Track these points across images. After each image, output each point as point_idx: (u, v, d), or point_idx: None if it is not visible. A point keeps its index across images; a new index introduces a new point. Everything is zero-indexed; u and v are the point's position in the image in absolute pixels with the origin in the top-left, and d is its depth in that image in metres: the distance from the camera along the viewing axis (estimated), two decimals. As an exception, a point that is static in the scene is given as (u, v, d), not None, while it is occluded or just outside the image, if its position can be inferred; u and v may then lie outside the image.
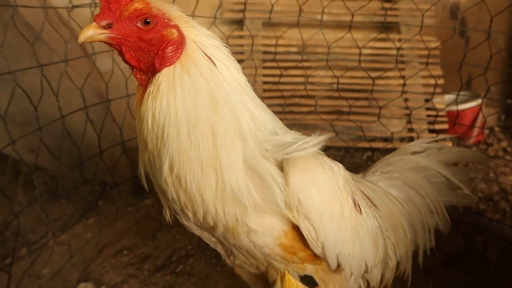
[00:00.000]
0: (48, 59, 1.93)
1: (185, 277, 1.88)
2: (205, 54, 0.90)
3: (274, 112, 1.03)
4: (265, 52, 3.04)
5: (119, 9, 0.88)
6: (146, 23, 0.89)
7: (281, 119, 1.04)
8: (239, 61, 1.02)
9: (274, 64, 2.82)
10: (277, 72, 2.78)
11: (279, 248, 0.99)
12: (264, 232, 0.95)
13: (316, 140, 0.97)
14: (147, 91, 0.90)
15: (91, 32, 0.86)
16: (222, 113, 0.88)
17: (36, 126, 1.65)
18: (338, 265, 1.03)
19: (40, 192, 1.83)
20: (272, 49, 2.71)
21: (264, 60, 3.03)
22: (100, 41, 0.89)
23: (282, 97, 2.79)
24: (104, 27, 0.87)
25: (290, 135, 0.98)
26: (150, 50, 0.90)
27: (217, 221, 0.92)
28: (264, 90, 2.98)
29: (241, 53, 3.05)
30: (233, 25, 3.11)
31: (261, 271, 1.13)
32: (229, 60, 0.95)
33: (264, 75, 3.05)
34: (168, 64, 0.89)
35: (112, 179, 2.18)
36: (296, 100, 3.02)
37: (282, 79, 2.75)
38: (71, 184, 2.59)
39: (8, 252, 2.04)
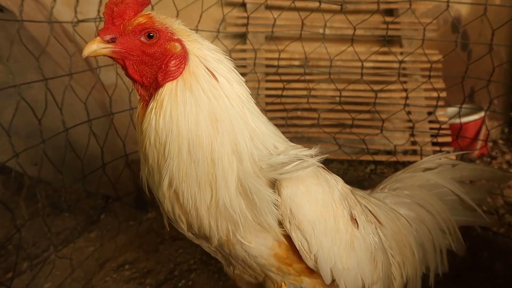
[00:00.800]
0: (53, 73, 1.95)
1: (187, 292, 1.86)
2: (207, 69, 0.91)
3: (277, 125, 1.03)
4: (267, 66, 3.06)
5: (123, 24, 0.89)
6: (150, 37, 0.90)
7: (283, 132, 1.04)
8: (242, 75, 1.03)
9: (276, 77, 2.84)
10: (280, 85, 2.79)
11: (274, 259, 0.98)
12: (256, 240, 0.95)
13: (310, 162, 0.96)
14: (150, 106, 0.90)
15: (95, 47, 0.87)
16: (221, 131, 0.88)
17: (39, 139, 1.65)
18: (333, 280, 1.01)
19: (43, 205, 1.82)
20: (275, 63, 2.73)
21: (267, 74, 3.04)
22: (104, 55, 0.90)
23: (285, 110, 2.80)
24: (108, 42, 0.88)
25: (290, 150, 0.97)
26: (153, 64, 0.91)
27: (211, 234, 0.93)
28: (267, 103, 2.99)
29: (244, 66, 3.07)
30: (236, 39, 3.14)
31: (259, 281, 1.12)
32: (231, 74, 0.95)
33: (267, 88, 3.06)
34: (170, 78, 0.89)
35: (115, 193, 2.17)
36: (299, 113, 3.03)
37: (285, 92, 2.76)
38: (74, 198, 2.59)
39: (9, 266, 2.03)
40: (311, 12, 2.50)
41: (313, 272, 1.01)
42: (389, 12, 3.33)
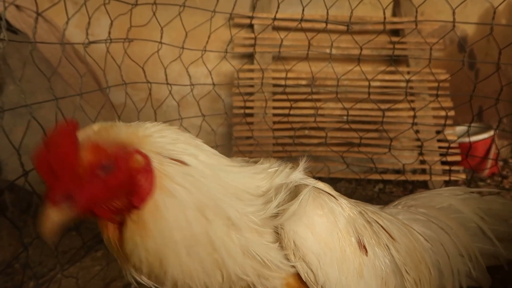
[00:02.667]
0: (64, 93, 1.98)
1: (193, 313, 1.82)
2: (173, 159, 0.82)
3: (284, 144, 1.02)
4: (275, 85, 3.08)
5: (71, 174, 0.73)
6: (106, 169, 0.76)
7: (291, 151, 1.03)
8: (250, 94, 1.02)
9: (284, 96, 2.86)
10: (287, 104, 2.81)
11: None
12: (271, 279, 0.93)
13: (305, 197, 0.90)
14: (128, 229, 0.81)
15: (53, 220, 0.73)
16: (211, 217, 0.82)
17: (49, 158, 1.66)
18: None
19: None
20: (282, 82, 2.75)
21: (274, 93, 3.06)
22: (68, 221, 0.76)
23: (292, 129, 2.80)
24: (64, 203, 0.73)
25: (275, 181, 0.94)
26: (122, 194, 0.79)
27: None
28: (274, 122, 3.00)
29: (252, 86, 3.10)
30: (244, 59, 3.18)
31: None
32: (192, 146, 0.88)
33: (274, 108, 3.08)
34: (147, 198, 0.79)
35: (122, 211, 2.17)
36: (306, 132, 3.03)
37: (292, 111, 2.77)
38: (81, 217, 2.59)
39: (16, 285, 2.02)
40: (318, 32, 2.53)
41: None
42: (395, 32, 3.36)
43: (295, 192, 0.92)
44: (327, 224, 0.93)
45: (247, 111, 3.01)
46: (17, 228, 1.53)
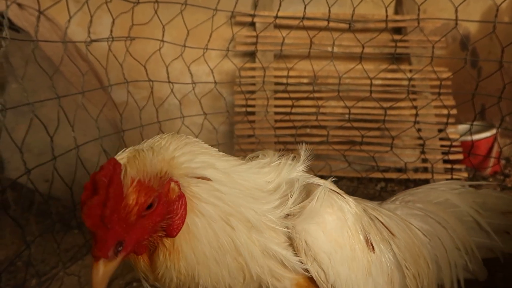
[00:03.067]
0: (66, 91, 1.98)
1: (195, 311, 1.83)
2: (197, 177, 0.83)
3: (286, 142, 1.03)
4: (276, 83, 3.08)
5: (122, 220, 0.70)
6: (149, 207, 0.75)
7: (292, 150, 1.03)
8: (251, 92, 1.02)
9: (285, 95, 2.85)
10: (289, 103, 2.81)
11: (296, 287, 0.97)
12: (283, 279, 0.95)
13: (318, 204, 0.91)
14: (161, 255, 0.82)
15: (106, 275, 0.71)
16: (235, 224, 0.85)
17: (51, 156, 1.67)
18: None
19: (53, 222, 1.83)
20: (284, 80, 2.75)
21: (276, 91, 3.06)
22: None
23: (294, 127, 2.80)
24: (115, 254, 0.71)
25: (283, 177, 0.96)
26: (160, 227, 0.79)
27: None
28: (276, 121, 3.00)
29: (253, 84, 3.09)
30: (245, 58, 3.18)
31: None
32: (208, 154, 0.88)
33: (276, 106, 3.07)
34: (182, 225, 0.80)
35: (124, 209, 2.17)
36: (308, 131, 3.03)
37: (294, 110, 2.77)
38: (83, 214, 2.59)
39: (18, 283, 2.03)
40: (320, 30, 2.53)
41: None
42: (397, 31, 3.35)
43: (306, 190, 0.93)
44: (338, 222, 0.93)
45: (249, 109, 3.01)
46: (20, 226, 1.54)
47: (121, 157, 0.79)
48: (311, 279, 0.96)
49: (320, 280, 0.93)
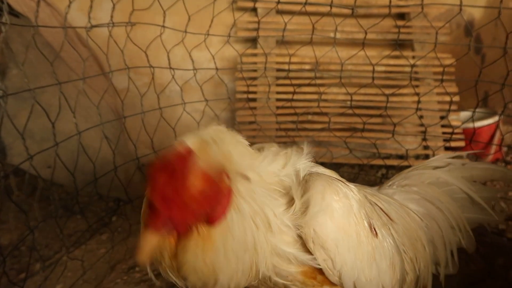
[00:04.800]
0: (67, 77, 1.98)
1: (197, 295, 1.86)
2: (241, 174, 0.87)
3: (287, 129, 1.04)
4: (278, 70, 3.06)
5: (181, 201, 0.76)
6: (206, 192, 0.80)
7: (294, 136, 1.04)
8: (253, 79, 1.03)
9: (287, 81, 2.84)
10: (291, 89, 2.80)
11: (300, 275, 0.98)
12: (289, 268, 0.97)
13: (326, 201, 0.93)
14: (192, 243, 0.83)
15: (151, 245, 0.77)
16: (258, 223, 0.87)
17: (53, 142, 1.68)
18: None
19: (56, 207, 1.85)
20: (286, 67, 2.73)
21: (278, 78, 3.05)
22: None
23: (295, 114, 2.79)
24: (164, 227, 0.77)
25: (290, 168, 0.98)
26: (206, 212, 0.82)
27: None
28: (277, 107, 2.99)
29: (255, 70, 3.08)
30: (247, 43, 3.15)
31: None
32: (247, 156, 0.92)
33: (278, 92, 3.06)
34: (224, 215, 0.84)
35: (126, 195, 2.19)
36: (309, 117, 3.02)
37: (295, 96, 2.76)
38: (86, 200, 2.62)
39: (23, 267, 2.06)
40: (322, 16, 2.50)
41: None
42: (401, 16, 3.31)
43: (310, 182, 0.95)
44: (344, 209, 0.95)
45: (250, 96, 3.00)
46: (23, 212, 1.55)
47: (190, 143, 0.82)
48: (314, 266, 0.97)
49: (327, 268, 0.94)
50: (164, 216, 0.75)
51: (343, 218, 0.94)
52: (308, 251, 0.93)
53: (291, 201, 0.94)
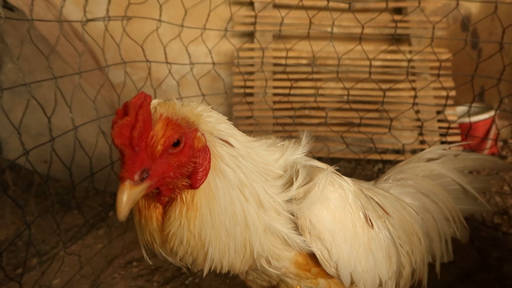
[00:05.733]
0: (62, 72, 1.97)
1: (194, 290, 1.87)
2: (221, 140, 0.85)
3: (284, 124, 1.04)
4: (275, 64, 3.05)
5: (149, 147, 0.72)
6: (176, 145, 0.76)
7: (291, 131, 1.04)
8: (250, 73, 1.03)
9: (284, 76, 2.83)
10: (288, 84, 2.79)
11: (294, 267, 0.98)
12: (282, 258, 0.97)
13: (322, 181, 0.93)
14: (177, 210, 0.82)
15: (132, 197, 0.71)
16: (248, 196, 0.86)
17: (49, 137, 1.67)
18: (352, 282, 1.02)
19: (52, 202, 1.85)
20: (283, 61, 2.73)
21: (275, 72, 3.04)
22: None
23: (292, 109, 2.79)
24: (141, 180, 0.72)
25: (289, 158, 0.98)
26: (186, 172, 0.79)
27: (238, 270, 0.95)
28: (274, 102, 2.99)
29: (252, 65, 3.07)
30: (244, 38, 3.14)
31: (272, 285, 1.12)
32: (229, 126, 0.90)
33: (275, 87, 3.06)
34: (205, 177, 0.81)
35: (123, 190, 2.19)
36: (306, 112, 3.02)
37: (292, 91, 2.76)
38: (83, 195, 2.61)
39: (19, 262, 2.06)
40: (319, 10, 2.49)
41: (328, 273, 1.02)
42: (398, 11, 3.31)
43: (308, 173, 0.95)
44: (340, 200, 0.95)
45: (247, 90, 3.00)
46: (19, 207, 1.55)
47: (155, 101, 0.81)
48: (309, 257, 0.97)
49: (324, 259, 0.95)
50: (136, 163, 0.71)
51: (339, 208, 0.94)
52: (301, 235, 0.93)
53: (284, 186, 0.93)
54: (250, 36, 3.08)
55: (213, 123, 0.86)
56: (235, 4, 2.95)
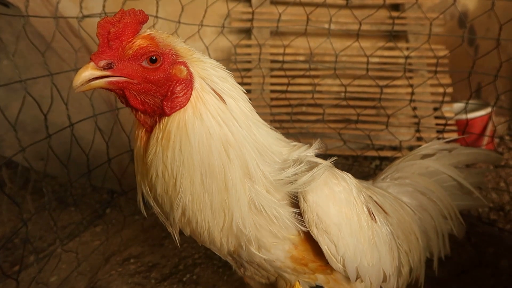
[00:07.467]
0: (59, 68, 1.95)
1: (192, 286, 1.87)
2: (214, 91, 0.86)
3: (282, 120, 1.04)
4: (272, 61, 3.05)
5: (121, 47, 0.79)
6: (152, 61, 0.81)
7: (288, 128, 1.04)
8: (247, 70, 1.02)
9: (281, 72, 2.83)
10: (285, 80, 2.79)
11: (290, 261, 0.98)
12: (274, 248, 0.95)
13: (323, 165, 0.94)
14: (154, 136, 0.85)
15: (88, 74, 0.77)
16: (232, 157, 0.85)
17: (45, 134, 1.66)
18: (357, 278, 1.02)
19: (49, 199, 1.84)
20: (280, 58, 2.72)
21: (272, 69, 3.03)
22: (99, 88, 0.81)
23: (290, 105, 2.79)
24: (103, 68, 0.79)
25: (294, 152, 0.98)
26: (157, 92, 0.83)
27: (222, 248, 0.94)
28: (272, 99, 2.98)
29: (249, 62, 3.06)
30: (241, 34, 3.13)
31: (271, 281, 1.12)
32: (236, 91, 0.91)
33: (272, 84, 3.05)
34: (178, 107, 0.83)
35: (120, 187, 2.19)
36: (304, 109, 3.02)
37: (290, 88, 2.75)
38: (80, 192, 2.61)
39: (16, 260, 2.05)
40: (317, 7, 2.48)
41: (327, 269, 1.02)
42: (395, 7, 3.31)
43: (309, 167, 0.94)
44: (344, 193, 0.95)
45: (245, 87, 2.95)
46: (16, 204, 1.54)
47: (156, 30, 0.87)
48: (305, 252, 0.97)
49: (330, 254, 0.94)
50: (104, 52, 0.78)
51: (345, 200, 0.94)
52: (293, 216, 0.92)
53: (282, 170, 0.92)
54: (247, 32, 3.07)
55: (212, 74, 0.87)
56: (232, 1, 2.93)
